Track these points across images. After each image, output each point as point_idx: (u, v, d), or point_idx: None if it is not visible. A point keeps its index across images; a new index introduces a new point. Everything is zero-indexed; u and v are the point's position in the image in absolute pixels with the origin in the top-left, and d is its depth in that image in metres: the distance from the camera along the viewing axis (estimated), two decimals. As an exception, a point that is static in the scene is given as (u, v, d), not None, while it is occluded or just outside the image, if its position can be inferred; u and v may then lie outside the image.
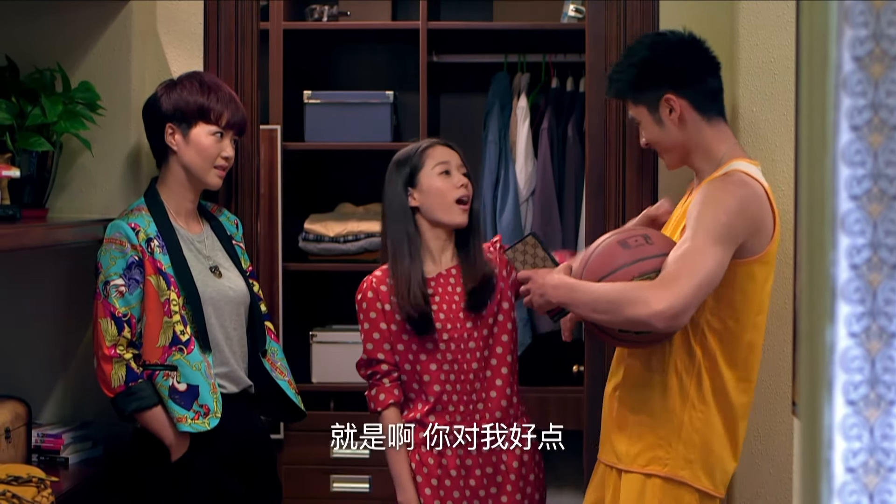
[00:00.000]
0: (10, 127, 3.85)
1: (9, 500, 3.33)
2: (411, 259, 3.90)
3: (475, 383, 3.91)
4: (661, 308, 3.24)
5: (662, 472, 3.50)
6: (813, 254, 1.44)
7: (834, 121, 1.39)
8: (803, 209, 1.48)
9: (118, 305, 3.77)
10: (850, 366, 1.40)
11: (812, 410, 1.43)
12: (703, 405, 3.48)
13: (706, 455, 3.49)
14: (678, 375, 3.50)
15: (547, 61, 6.18)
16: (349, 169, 6.56)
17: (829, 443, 1.40)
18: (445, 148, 3.96)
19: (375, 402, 3.92)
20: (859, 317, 1.40)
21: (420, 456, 3.89)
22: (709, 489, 3.50)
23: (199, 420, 3.78)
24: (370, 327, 3.93)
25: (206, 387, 3.80)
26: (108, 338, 3.76)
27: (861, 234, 1.39)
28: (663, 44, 3.62)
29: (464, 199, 3.90)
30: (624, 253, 3.40)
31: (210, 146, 3.91)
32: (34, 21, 4.17)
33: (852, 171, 1.39)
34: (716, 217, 3.33)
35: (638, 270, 3.36)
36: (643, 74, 3.57)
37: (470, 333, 3.90)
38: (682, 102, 3.53)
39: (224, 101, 3.94)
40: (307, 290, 6.40)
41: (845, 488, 1.40)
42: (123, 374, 3.74)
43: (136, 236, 3.81)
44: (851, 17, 1.38)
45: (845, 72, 1.39)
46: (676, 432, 3.50)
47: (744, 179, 3.43)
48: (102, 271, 3.81)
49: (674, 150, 3.59)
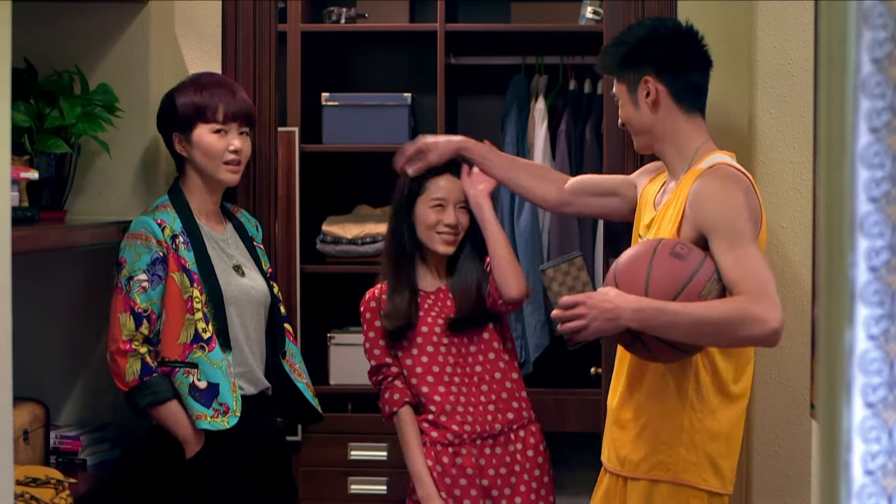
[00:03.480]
0: (29, 129, 3.86)
1: (27, 501, 3.34)
2: (403, 270, 4.02)
3: (481, 385, 3.96)
4: (777, 326, 3.21)
5: (667, 477, 3.49)
6: (832, 256, 1.44)
7: (852, 123, 1.38)
8: (822, 212, 1.48)
9: (139, 301, 3.77)
10: (868, 368, 1.40)
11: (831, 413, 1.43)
12: (702, 404, 3.47)
13: (711, 454, 3.48)
14: (675, 378, 3.49)
15: (564, 63, 6.17)
16: (367, 171, 6.56)
17: (847, 445, 1.39)
18: (452, 179, 4.03)
19: (389, 403, 3.97)
20: (878, 319, 1.39)
21: (435, 454, 3.91)
22: (716, 488, 3.50)
23: (218, 418, 3.77)
24: (375, 335, 4.01)
25: (226, 385, 3.80)
26: (126, 332, 3.76)
27: (880, 237, 1.39)
28: (658, 28, 3.65)
29: (448, 235, 3.98)
30: (682, 265, 3.32)
31: (213, 144, 3.90)
32: (52, 23, 4.17)
33: (871, 173, 1.39)
34: (738, 217, 3.34)
35: (704, 279, 3.30)
36: (631, 53, 3.61)
37: (470, 338, 3.97)
38: (661, 88, 3.56)
39: (218, 95, 3.92)
40: (325, 291, 6.40)
41: (864, 490, 1.40)
42: (138, 369, 3.74)
43: (162, 232, 3.81)
44: (870, 19, 1.38)
45: (864, 74, 1.38)
46: (678, 436, 3.49)
47: (733, 172, 3.45)
48: (126, 266, 3.80)
49: (643, 133, 3.62)
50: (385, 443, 5.81)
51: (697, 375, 3.46)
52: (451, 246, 3.99)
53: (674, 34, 3.63)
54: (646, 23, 3.70)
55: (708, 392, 3.47)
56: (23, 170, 3.59)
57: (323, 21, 6.25)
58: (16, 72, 3.51)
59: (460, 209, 3.99)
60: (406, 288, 3.99)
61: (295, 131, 5.92)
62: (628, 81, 3.60)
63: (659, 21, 3.74)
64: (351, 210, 6.38)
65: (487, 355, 3.98)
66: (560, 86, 6.16)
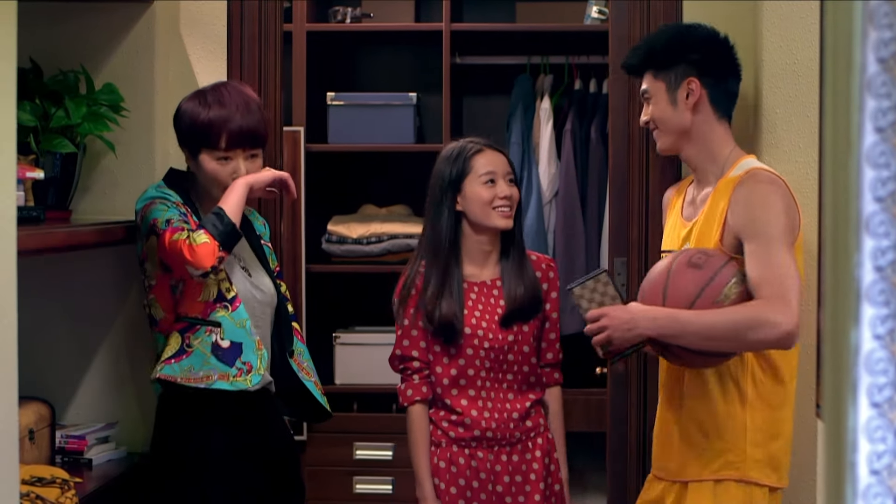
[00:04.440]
0: (34, 129, 3.86)
1: (32, 501, 3.34)
2: (448, 262, 3.91)
3: (508, 393, 3.92)
4: (790, 328, 3.28)
5: (735, 476, 3.54)
6: (837, 256, 1.44)
7: (858, 122, 1.38)
8: (827, 211, 1.47)
9: (185, 226, 3.66)
10: (874, 368, 1.39)
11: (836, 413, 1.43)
12: (761, 403, 3.54)
13: (772, 451, 3.56)
14: (734, 379, 3.54)
15: (570, 63, 6.17)
16: (372, 170, 6.57)
17: (853, 445, 1.39)
18: (493, 154, 3.95)
19: (403, 396, 3.95)
20: (884, 319, 1.39)
21: (451, 455, 3.90)
22: (776, 483, 3.57)
23: (241, 377, 3.75)
24: (409, 324, 3.94)
25: (250, 344, 3.77)
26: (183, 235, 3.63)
27: (885, 237, 1.39)
28: (700, 31, 3.68)
29: (506, 208, 3.90)
30: (699, 273, 3.39)
31: (216, 171, 3.82)
32: (58, 23, 4.18)
33: (877, 172, 1.38)
34: (776, 222, 3.38)
35: (720, 286, 3.36)
36: (675, 52, 3.61)
37: (510, 346, 3.91)
38: (703, 91, 3.56)
39: (221, 120, 3.79)
40: (330, 291, 6.41)
41: (869, 491, 1.40)
42: (199, 231, 3.63)
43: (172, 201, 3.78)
44: (876, 18, 1.38)
45: (870, 73, 1.38)
46: (742, 435, 3.54)
47: (771, 177, 3.49)
48: (160, 218, 3.70)
49: (675, 133, 3.62)
50: (391, 442, 5.82)
51: (754, 376, 3.53)
52: (510, 219, 3.91)
53: (716, 40, 3.64)
54: (680, 26, 3.73)
55: (766, 390, 3.54)
56: (28, 169, 3.59)
57: (328, 21, 6.26)
58: (21, 71, 3.51)
59: (510, 181, 3.94)
60: (452, 284, 3.90)
61: (300, 131, 5.93)
62: (668, 80, 3.60)
63: (695, 26, 3.74)
64: (356, 210, 6.39)
65: (522, 348, 3.93)
66: (565, 85, 6.17)
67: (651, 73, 3.64)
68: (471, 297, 3.92)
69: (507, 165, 3.95)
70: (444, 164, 3.95)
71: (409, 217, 6.25)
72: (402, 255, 6.05)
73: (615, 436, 4.22)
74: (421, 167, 6.30)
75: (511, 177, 3.94)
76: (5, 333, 2.77)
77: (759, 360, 3.52)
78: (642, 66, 3.68)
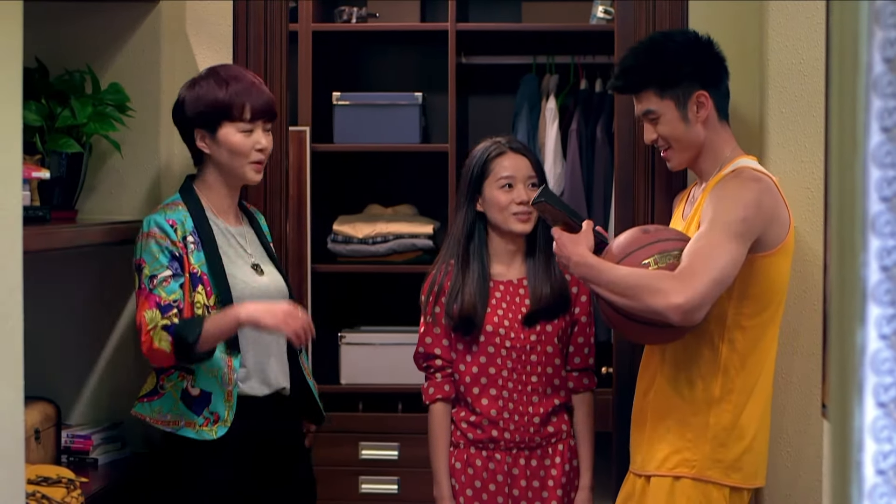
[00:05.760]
0: (40, 128, 3.86)
1: (38, 500, 3.34)
2: (470, 259, 3.92)
3: (532, 396, 3.92)
4: (678, 301, 3.27)
5: (691, 474, 3.51)
6: (843, 256, 1.44)
7: (864, 122, 1.38)
8: (833, 211, 1.47)
9: (164, 294, 3.65)
10: (880, 368, 1.39)
11: (842, 412, 1.43)
12: (728, 403, 3.50)
13: (735, 451, 3.52)
14: (702, 376, 3.52)
15: (576, 63, 6.17)
16: (378, 170, 6.57)
17: (859, 445, 1.39)
18: (515, 157, 3.95)
19: (425, 394, 3.96)
20: (889, 318, 1.39)
21: (468, 456, 3.90)
22: (738, 483, 3.53)
23: (206, 427, 3.71)
24: (432, 321, 3.94)
25: (219, 394, 3.73)
26: (152, 324, 3.63)
27: (891, 236, 1.39)
28: (691, 41, 3.64)
29: (523, 214, 3.90)
30: (642, 236, 3.46)
31: (240, 144, 3.82)
32: (63, 23, 4.18)
33: (883, 172, 1.38)
34: (734, 212, 3.36)
35: (658, 249, 3.39)
36: (676, 69, 3.57)
37: (533, 346, 3.91)
38: (710, 102, 3.54)
39: (244, 92, 3.82)
40: (336, 291, 6.41)
41: (875, 490, 1.40)
42: (166, 335, 3.61)
43: (175, 233, 3.74)
44: (882, 18, 1.37)
45: (876, 73, 1.38)
46: (703, 433, 3.51)
47: (756, 175, 3.48)
48: (147, 266, 3.69)
49: (690, 148, 3.60)
50: (396, 442, 5.81)
51: (727, 373, 3.50)
52: (528, 224, 3.91)
53: (707, 46, 3.62)
54: (673, 36, 3.69)
55: (735, 390, 3.51)
56: (34, 169, 3.59)
57: (334, 20, 6.26)
58: (27, 71, 3.51)
59: (531, 186, 3.94)
60: (474, 280, 3.91)
61: (306, 131, 5.93)
62: (677, 97, 3.56)
63: (683, 34, 3.72)
64: (362, 209, 6.39)
65: (546, 349, 3.92)
66: (571, 85, 6.16)
67: (654, 92, 3.58)
68: (496, 295, 3.93)
69: (530, 169, 3.95)
70: (469, 164, 3.98)
71: (414, 217, 6.25)
72: (408, 255, 6.05)
73: (620, 435, 4.21)
74: (426, 167, 6.32)
75: (533, 180, 3.93)
76: (11, 333, 2.77)
77: (733, 358, 3.50)
78: (640, 85, 3.62)
